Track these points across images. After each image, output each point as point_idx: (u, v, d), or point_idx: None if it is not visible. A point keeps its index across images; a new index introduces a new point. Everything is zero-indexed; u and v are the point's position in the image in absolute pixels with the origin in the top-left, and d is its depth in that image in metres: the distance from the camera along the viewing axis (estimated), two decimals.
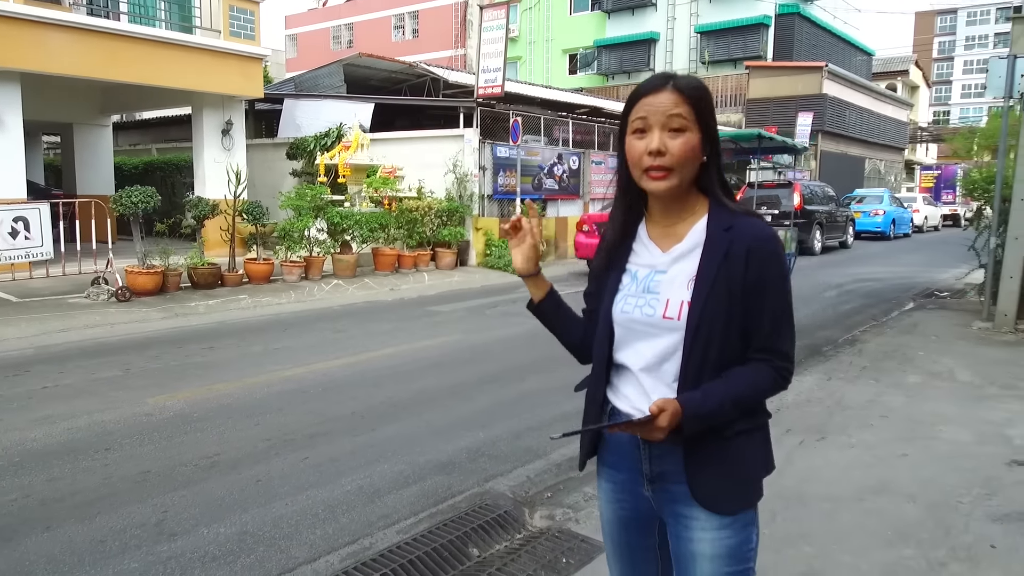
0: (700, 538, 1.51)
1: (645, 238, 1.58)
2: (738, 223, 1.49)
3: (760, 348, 1.48)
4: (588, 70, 35.63)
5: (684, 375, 1.47)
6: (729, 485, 1.50)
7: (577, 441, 1.63)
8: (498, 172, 14.64)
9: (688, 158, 1.47)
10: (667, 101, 1.46)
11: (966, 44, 73.75)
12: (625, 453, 1.59)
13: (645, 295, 1.53)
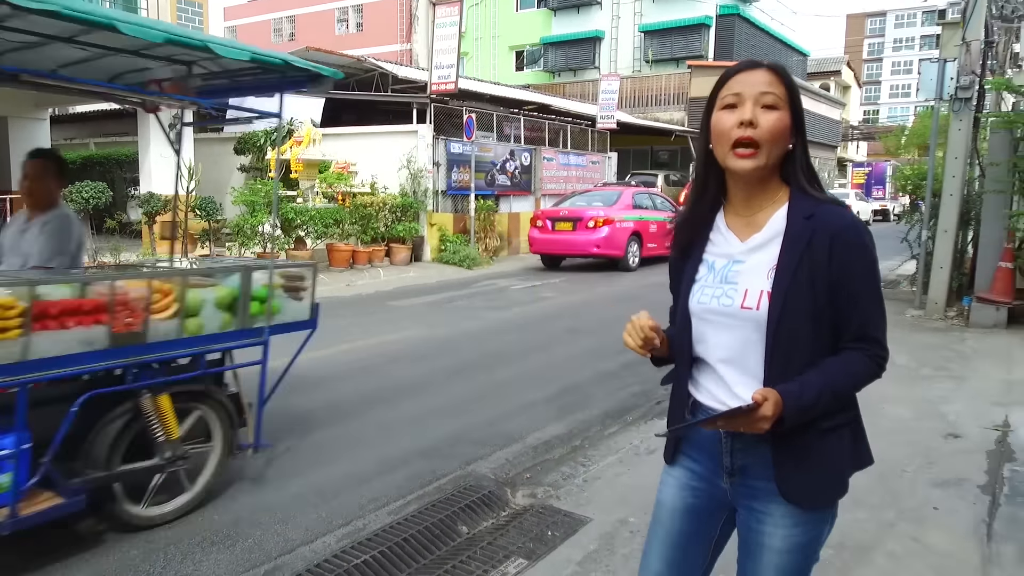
0: (772, 532, 1.51)
1: (724, 227, 1.55)
2: (820, 211, 1.46)
3: (854, 337, 1.46)
4: (535, 67, 35.91)
5: (769, 366, 1.44)
6: (817, 480, 1.48)
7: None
8: (452, 168, 14.74)
9: (778, 136, 1.44)
10: (763, 78, 1.45)
11: (894, 46, 76.92)
12: (706, 445, 1.57)
13: (723, 285, 1.50)
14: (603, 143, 20.21)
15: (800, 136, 1.49)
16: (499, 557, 3.01)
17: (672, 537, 1.64)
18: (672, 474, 1.66)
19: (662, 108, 30.59)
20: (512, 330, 7.80)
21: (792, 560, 1.52)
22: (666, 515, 1.65)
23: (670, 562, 1.63)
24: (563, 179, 18.26)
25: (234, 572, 2.87)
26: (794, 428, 1.42)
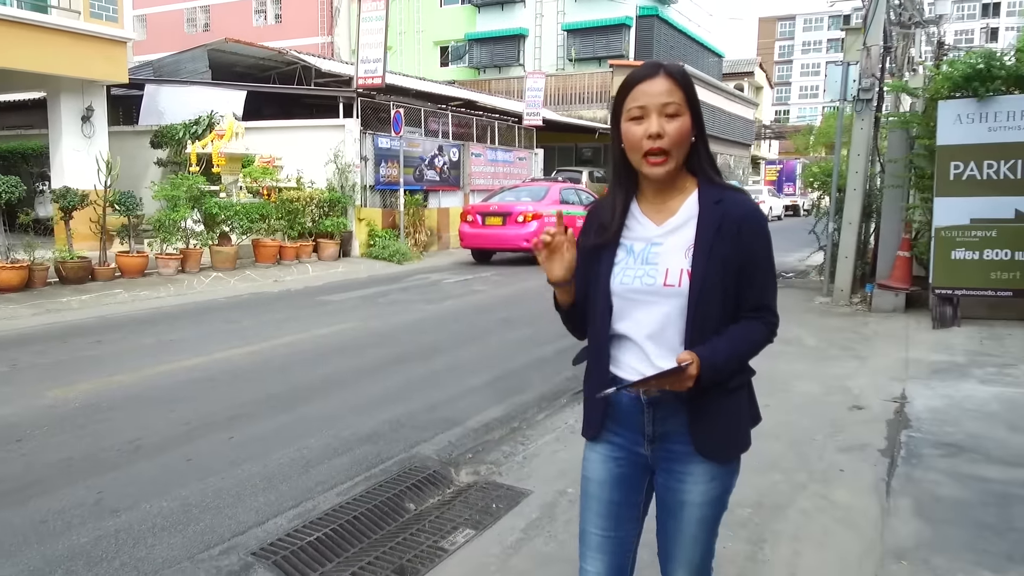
0: (692, 489, 1.66)
1: (639, 214, 1.68)
2: (727, 198, 1.62)
3: (752, 307, 1.63)
4: (460, 63, 35.94)
5: (690, 337, 1.58)
6: (728, 437, 1.66)
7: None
8: (380, 163, 14.72)
9: (684, 140, 1.58)
10: (662, 88, 1.56)
11: (803, 48, 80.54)
12: (628, 417, 1.69)
13: (644, 266, 1.62)
14: (529, 140, 20.52)
15: (700, 131, 1.62)
16: (447, 529, 3.17)
17: (604, 507, 1.75)
18: (595, 450, 1.76)
19: (585, 106, 31.15)
20: (448, 322, 7.94)
21: (710, 511, 1.68)
22: (595, 488, 1.75)
23: (605, 529, 1.75)
24: (491, 175, 18.46)
25: (188, 554, 2.93)
26: (706, 391, 1.57)
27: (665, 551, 1.76)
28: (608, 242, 1.66)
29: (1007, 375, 5.41)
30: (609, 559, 1.75)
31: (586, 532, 1.78)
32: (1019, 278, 7.07)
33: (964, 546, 2.87)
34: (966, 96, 7.26)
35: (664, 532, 1.75)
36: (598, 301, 1.67)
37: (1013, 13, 62.64)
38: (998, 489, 3.41)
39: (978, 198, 7.22)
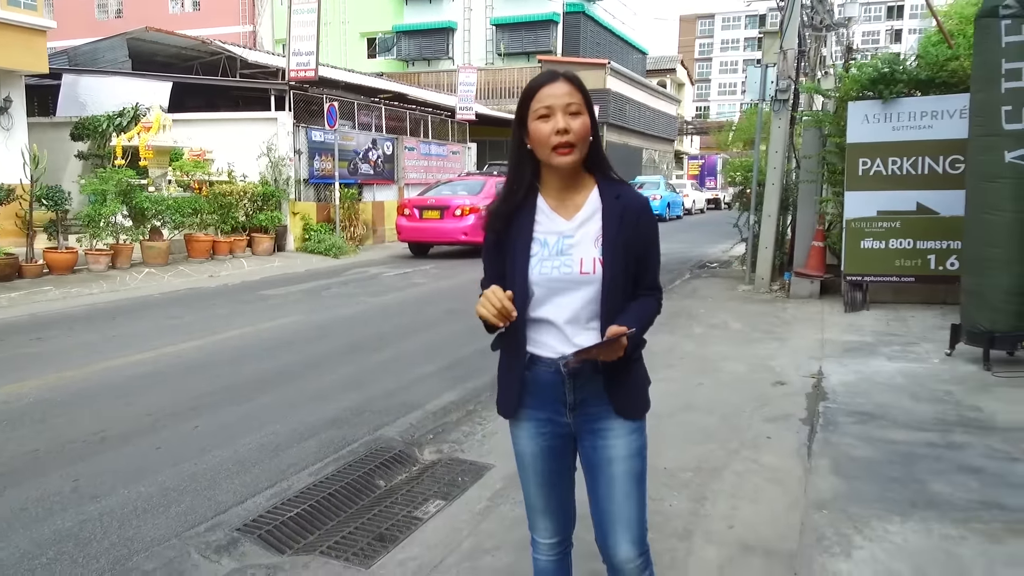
0: (615, 444, 1.84)
1: (548, 210, 1.82)
2: (624, 192, 1.83)
3: (647, 287, 1.85)
4: (388, 55, 35.68)
5: (604, 315, 1.77)
6: (636, 396, 1.87)
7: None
8: (314, 156, 14.65)
9: (586, 135, 1.75)
10: (564, 90, 1.74)
11: (722, 47, 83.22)
12: (548, 390, 1.84)
13: (560, 257, 1.78)
14: (463, 134, 20.71)
15: (595, 131, 1.79)
16: (419, 500, 3.42)
17: (541, 477, 1.92)
18: (520, 428, 1.91)
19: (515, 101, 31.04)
20: (392, 314, 8.12)
21: (635, 464, 1.85)
22: (529, 461, 1.92)
23: (547, 496, 1.94)
24: (424, 168, 18.58)
25: (175, 532, 3.08)
26: (619, 362, 1.76)
27: (602, 518, 1.87)
28: (519, 236, 1.80)
29: (910, 352, 6.01)
30: (553, 518, 1.96)
31: (530, 499, 1.98)
32: (920, 265, 7.76)
33: (875, 497, 3.31)
34: (872, 98, 7.90)
35: (597, 498, 1.87)
36: (516, 291, 1.76)
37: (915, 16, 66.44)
38: (903, 449, 3.89)
39: (884, 192, 7.86)
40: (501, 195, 1.87)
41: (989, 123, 5.18)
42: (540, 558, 2.01)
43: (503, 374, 1.93)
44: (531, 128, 1.76)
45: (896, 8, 69.57)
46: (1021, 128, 5.02)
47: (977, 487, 3.37)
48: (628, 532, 1.84)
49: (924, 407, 4.56)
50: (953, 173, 7.42)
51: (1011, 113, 5.05)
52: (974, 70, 5.47)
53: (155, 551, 2.92)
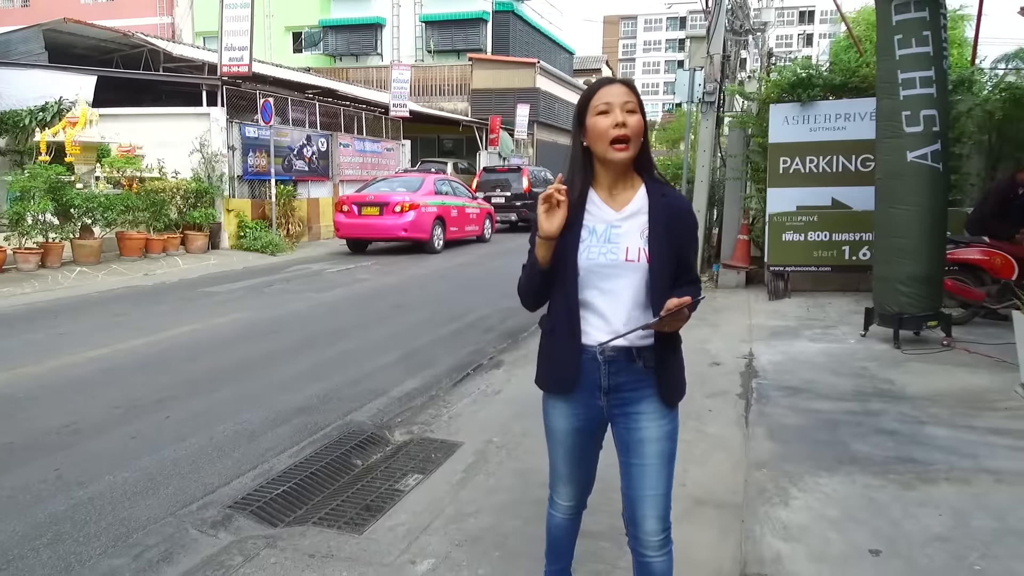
0: (647, 427, 1.96)
1: (599, 201, 1.97)
2: (668, 193, 1.99)
3: (689, 280, 1.98)
4: (315, 50, 35.17)
5: (652, 301, 1.90)
6: (679, 384, 2.02)
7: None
8: (248, 153, 14.48)
9: (640, 132, 1.90)
10: (622, 90, 1.91)
11: (644, 48, 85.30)
12: (586, 375, 1.97)
13: (607, 244, 1.93)
14: (396, 131, 20.74)
15: (646, 134, 1.97)
16: (398, 476, 3.66)
17: (569, 452, 2.10)
18: (556, 407, 2.05)
19: (446, 98, 31.60)
20: (342, 309, 8.24)
21: (667, 445, 1.98)
22: (561, 436, 2.08)
23: (572, 469, 2.12)
24: (359, 165, 18.55)
25: (169, 511, 3.23)
26: (665, 351, 1.93)
27: (633, 494, 1.99)
28: (572, 222, 1.93)
29: (829, 334, 6.58)
30: (575, 485, 2.16)
31: (555, 467, 2.15)
32: (836, 256, 8.42)
33: (805, 456, 3.75)
34: (792, 101, 8.51)
35: (630, 476, 2.00)
36: (566, 273, 1.94)
37: (825, 21, 69.83)
38: (827, 417, 4.36)
39: (802, 188, 8.49)
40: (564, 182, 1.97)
41: (893, 126, 5.77)
42: (556, 515, 2.22)
43: (552, 354, 2.03)
44: (590, 124, 1.91)
45: (807, 13, 72.92)
46: (919, 131, 5.61)
47: (892, 446, 3.86)
48: (655, 509, 1.97)
49: (844, 381, 5.08)
50: (864, 171, 8.09)
51: (910, 118, 5.64)
52: (878, 79, 6.06)
53: (153, 528, 3.08)
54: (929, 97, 5.60)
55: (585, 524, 3.00)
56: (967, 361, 5.53)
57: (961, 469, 3.54)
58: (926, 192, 5.65)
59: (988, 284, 6.63)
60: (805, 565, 2.70)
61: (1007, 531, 2.93)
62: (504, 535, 3.00)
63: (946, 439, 3.94)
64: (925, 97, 5.60)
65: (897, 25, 5.65)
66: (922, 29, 5.56)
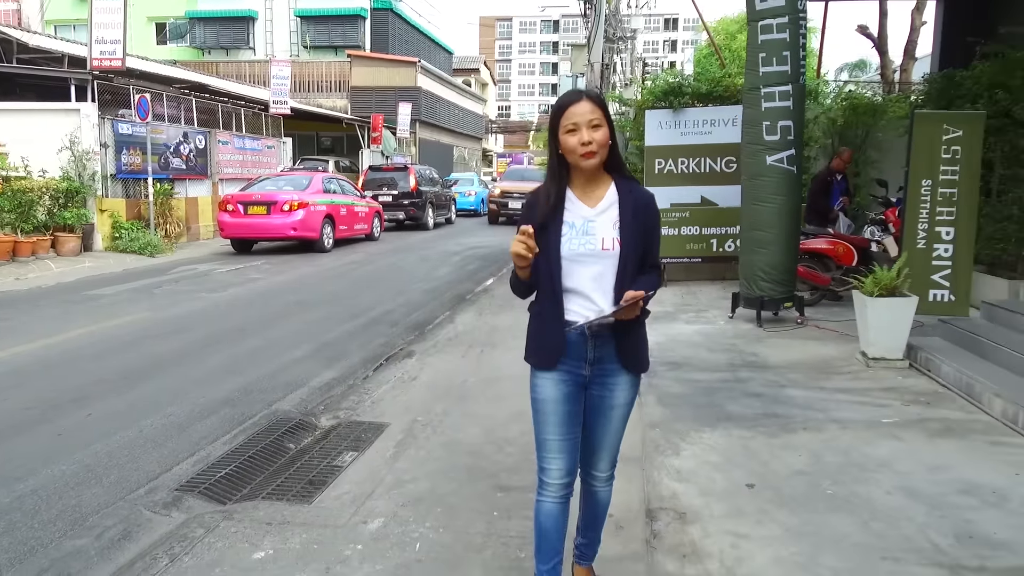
0: (619, 394, 2.26)
1: (575, 199, 2.22)
2: (635, 189, 2.23)
3: (651, 264, 2.24)
4: (180, 42, 33.61)
5: (620, 284, 2.15)
6: (642, 356, 2.30)
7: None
8: (121, 150, 13.87)
9: (605, 143, 2.14)
10: (587, 108, 2.13)
11: (520, 49, 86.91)
12: (575, 348, 2.20)
13: (585, 236, 2.17)
14: (277, 128, 20.35)
15: (613, 138, 2.18)
16: (334, 454, 3.96)
17: (560, 417, 2.25)
18: (546, 377, 2.25)
19: (324, 95, 31.14)
20: (241, 307, 8.25)
21: (628, 409, 2.31)
22: (551, 405, 2.24)
23: (562, 434, 2.26)
24: (239, 163, 18.10)
25: (118, 496, 3.38)
26: (630, 325, 2.17)
27: (592, 446, 2.33)
28: (552, 221, 2.19)
29: (702, 317, 7.37)
30: (566, 457, 2.27)
31: (546, 440, 2.28)
32: (706, 248, 9.33)
33: (690, 417, 4.37)
34: (665, 107, 9.33)
35: (593, 432, 2.31)
36: (551, 263, 2.16)
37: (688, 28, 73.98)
38: (705, 385, 5.03)
39: (676, 187, 9.33)
40: (542, 189, 2.25)
41: (755, 133, 6.59)
42: (546, 500, 2.30)
43: (540, 334, 2.27)
44: (562, 139, 2.16)
45: (672, 20, 76.96)
46: (777, 139, 6.47)
47: (759, 405, 4.56)
48: (610, 456, 2.36)
49: (717, 356, 5.81)
50: (728, 171, 9.03)
51: (769, 127, 6.49)
52: (744, 91, 6.89)
53: (107, 512, 3.23)
54: (787, 109, 6.46)
55: (511, 479, 3.48)
56: (817, 335, 6.44)
57: (815, 420, 4.28)
58: (783, 191, 6.52)
59: (833, 270, 7.66)
60: (696, 499, 3.27)
61: (850, 464, 3.64)
62: (442, 495, 3.39)
63: (802, 398, 4.70)
64: (783, 109, 6.46)
65: (762, 44, 6.46)
66: (783, 49, 6.40)
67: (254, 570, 2.75)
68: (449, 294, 9.32)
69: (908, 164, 5.95)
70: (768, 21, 6.39)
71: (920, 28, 15.44)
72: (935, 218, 5.88)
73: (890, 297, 5.38)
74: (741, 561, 2.76)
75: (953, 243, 5.90)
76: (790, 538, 2.92)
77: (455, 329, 7.07)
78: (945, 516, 3.09)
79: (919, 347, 5.46)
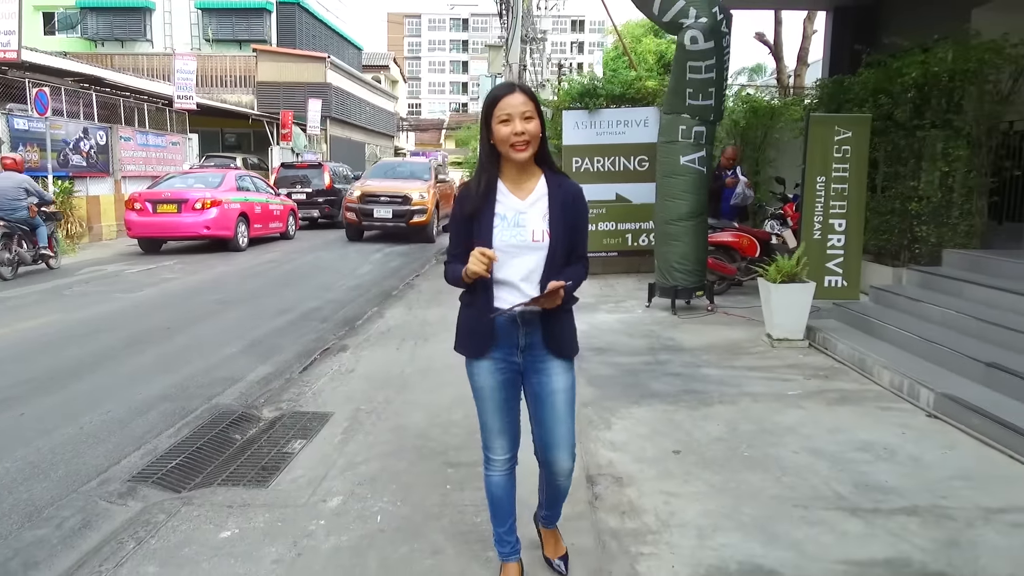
0: (556, 379, 2.34)
1: (506, 191, 2.29)
2: (564, 182, 2.32)
3: (578, 256, 2.34)
4: (71, 33, 31.84)
5: (547, 276, 2.24)
6: (569, 341, 2.38)
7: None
8: (17, 147, 13.15)
9: (537, 135, 2.21)
10: (520, 100, 2.20)
11: (429, 47, 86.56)
12: (505, 336, 2.30)
13: (516, 228, 2.24)
14: (182, 124, 19.70)
15: (544, 134, 2.26)
16: (283, 442, 4.06)
17: (496, 404, 2.37)
18: (480, 366, 2.34)
19: (229, 90, 30.18)
20: (160, 307, 8.06)
21: (570, 395, 2.38)
22: (488, 392, 2.36)
23: (502, 419, 2.39)
24: (143, 160, 17.44)
25: (71, 489, 3.40)
26: (557, 313, 2.26)
27: (544, 436, 2.39)
28: (484, 213, 2.26)
29: (621, 307, 7.80)
30: (507, 436, 2.43)
31: (488, 424, 2.41)
32: (621, 242, 9.79)
33: (618, 396, 4.71)
34: (581, 108, 9.73)
35: (542, 421, 2.38)
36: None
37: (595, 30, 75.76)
38: (629, 367, 5.40)
39: (592, 185, 9.72)
40: (473, 181, 2.32)
41: (671, 135, 7.05)
42: (494, 474, 2.46)
43: (471, 324, 2.35)
44: (494, 129, 2.22)
45: (579, 22, 78.61)
46: (691, 142, 6.95)
47: (679, 383, 4.96)
48: (567, 449, 2.40)
49: (638, 341, 6.22)
50: (640, 170, 9.51)
51: (685, 131, 6.96)
52: (667, 97, 7.32)
53: (62, 504, 3.26)
54: (702, 118, 6.94)
55: (459, 456, 3.71)
56: (726, 321, 6.96)
57: (729, 395, 4.70)
58: (694, 189, 7.00)
59: (738, 261, 8.24)
60: (630, 465, 3.60)
61: (762, 430, 4.07)
62: (395, 473, 3.58)
63: (716, 376, 5.14)
64: (699, 117, 6.93)
65: (690, 81, 6.89)
66: (708, 87, 6.89)
67: (223, 548, 2.87)
68: (375, 290, 9.41)
69: (805, 162, 6.53)
70: (697, 63, 6.82)
71: (812, 36, 16.60)
72: (829, 211, 6.48)
73: (791, 283, 5.91)
74: (673, 515, 3.09)
75: (845, 234, 6.51)
76: (714, 494, 3.29)
77: (386, 324, 7.20)
78: (844, 470, 3.53)
79: (817, 328, 6.03)
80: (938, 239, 6.82)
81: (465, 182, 2.56)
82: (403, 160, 22.21)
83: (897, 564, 2.71)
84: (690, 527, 2.98)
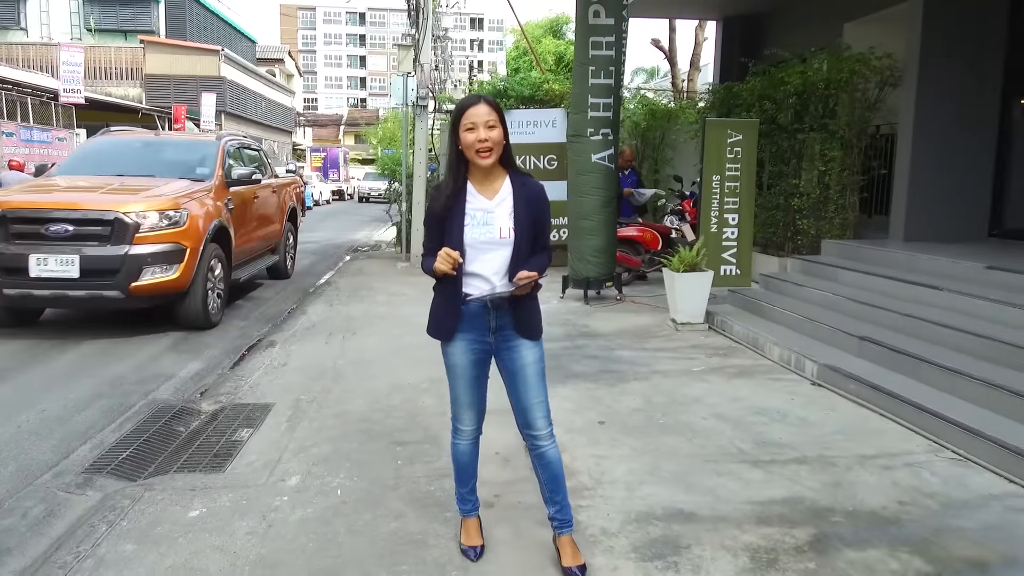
0: (526, 353, 2.58)
1: (475, 192, 2.52)
2: (527, 182, 2.56)
3: (541, 246, 2.57)
4: None
5: (513, 268, 2.47)
6: (536, 324, 2.62)
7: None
8: None
9: (500, 143, 2.45)
10: (485, 111, 2.44)
11: (325, 40, 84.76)
12: (477, 319, 2.54)
13: (485, 226, 2.47)
14: (68, 118, 18.72)
15: (506, 138, 2.50)
16: (230, 432, 4.21)
17: (468, 381, 2.64)
18: (456, 346, 2.59)
19: (114, 83, 28.79)
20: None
21: (540, 365, 2.63)
22: (460, 370, 2.62)
23: (472, 394, 2.66)
24: (27, 156, 16.48)
25: (25, 483, 3.46)
26: (524, 300, 2.54)
27: (520, 402, 2.62)
28: (456, 213, 2.51)
29: None
30: (475, 409, 2.71)
31: (458, 398, 2.68)
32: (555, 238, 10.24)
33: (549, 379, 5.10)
34: None
35: (517, 392, 2.61)
36: (455, 250, 2.43)
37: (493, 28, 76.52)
38: (550, 352, 5.60)
39: None
40: (444, 182, 2.57)
41: (581, 135, 7.53)
42: (461, 442, 2.75)
43: (442, 309, 2.60)
44: (461, 136, 2.47)
45: (478, 20, 79.11)
46: (600, 140, 7.45)
47: (597, 364, 5.43)
48: (541, 411, 2.62)
49: (555, 329, 6.66)
50: (550, 168, 10.01)
51: (593, 132, 7.46)
52: (572, 99, 7.80)
53: (21, 496, 3.33)
54: (608, 118, 7.47)
55: (405, 436, 4.01)
56: (634, 308, 7.52)
57: (642, 373, 5.21)
58: (604, 185, 7.51)
59: (642, 254, 8.86)
60: (562, 435, 3.89)
61: (673, 402, 4.58)
62: (347, 453, 3.83)
63: (630, 357, 5.64)
64: (605, 118, 7.45)
65: (592, 59, 7.37)
66: (608, 64, 7.38)
67: (195, 524, 3.05)
68: (291, 288, 9.46)
69: (702, 162, 7.16)
70: (598, 38, 7.32)
71: (703, 43, 17.67)
72: (724, 207, 7.14)
73: (692, 272, 6.51)
74: (604, 473, 3.52)
75: (738, 227, 7.19)
76: (637, 455, 3.74)
77: (309, 319, 7.33)
78: (745, 430, 4.08)
79: (715, 312, 6.67)
80: (817, 231, 7.64)
81: (436, 185, 2.74)
82: (152, 137, 9.28)
83: (792, 502, 3.24)
84: (619, 483, 3.42)
